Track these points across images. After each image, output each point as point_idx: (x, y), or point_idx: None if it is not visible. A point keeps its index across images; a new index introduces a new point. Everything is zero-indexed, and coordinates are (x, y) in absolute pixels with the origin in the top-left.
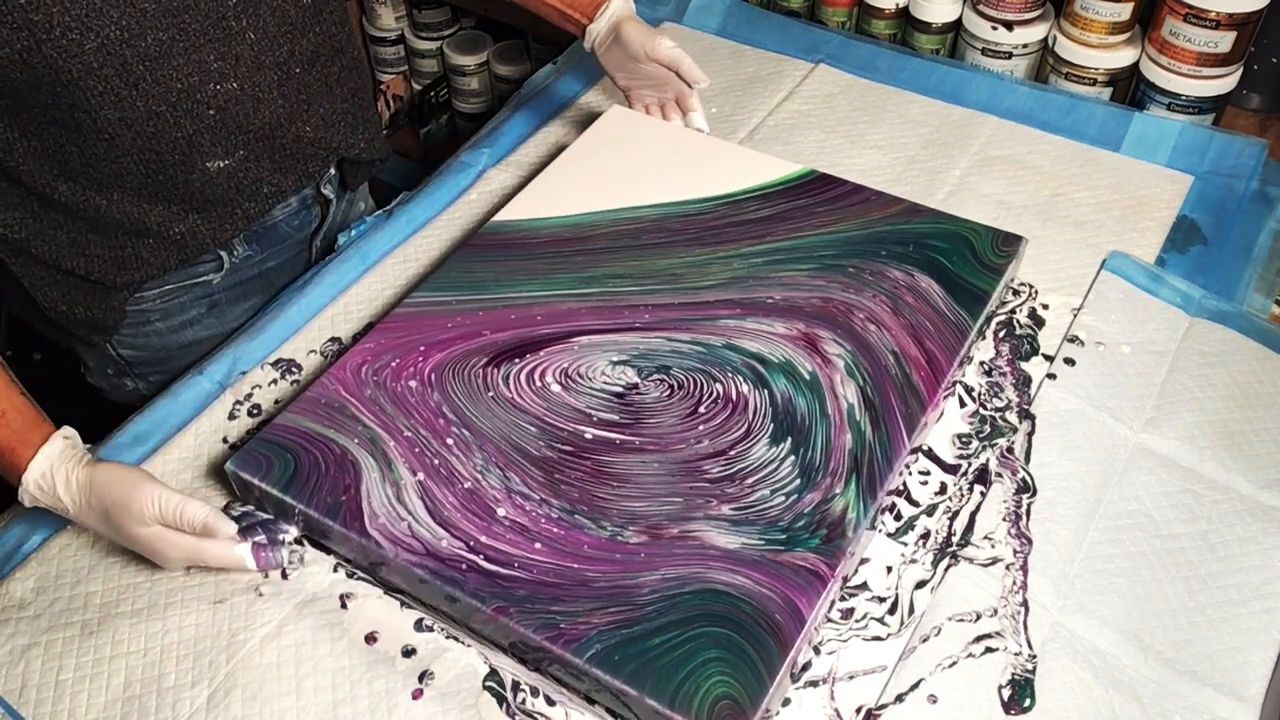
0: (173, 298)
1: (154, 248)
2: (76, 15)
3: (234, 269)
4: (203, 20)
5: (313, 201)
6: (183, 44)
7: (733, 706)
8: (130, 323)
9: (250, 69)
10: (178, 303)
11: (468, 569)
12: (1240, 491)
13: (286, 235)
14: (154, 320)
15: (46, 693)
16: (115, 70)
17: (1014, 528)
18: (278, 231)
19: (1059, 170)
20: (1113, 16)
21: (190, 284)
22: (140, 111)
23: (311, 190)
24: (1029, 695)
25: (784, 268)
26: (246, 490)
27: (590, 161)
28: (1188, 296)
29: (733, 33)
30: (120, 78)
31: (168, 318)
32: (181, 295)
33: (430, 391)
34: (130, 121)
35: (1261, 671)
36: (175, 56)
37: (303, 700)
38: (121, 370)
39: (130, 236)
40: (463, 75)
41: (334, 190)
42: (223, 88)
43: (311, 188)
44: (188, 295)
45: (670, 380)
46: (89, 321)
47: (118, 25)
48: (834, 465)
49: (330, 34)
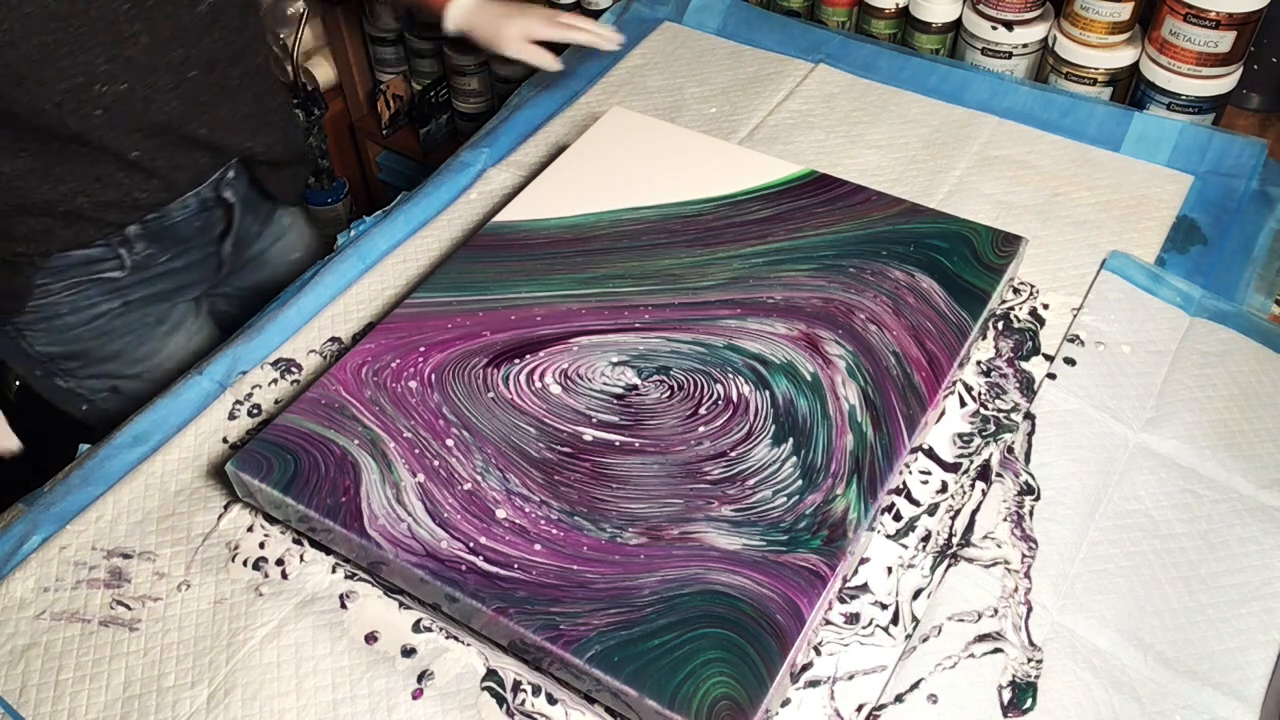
0: (78, 290)
1: (44, 224)
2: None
3: (138, 266)
4: (92, 24)
5: (213, 204)
6: (69, 46)
7: (732, 707)
8: (42, 316)
9: (143, 71)
10: (85, 295)
11: (467, 570)
12: (1240, 491)
13: (188, 236)
14: (64, 314)
15: (46, 693)
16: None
17: (1017, 529)
18: (178, 231)
19: (1059, 170)
20: (1113, 16)
21: (94, 279)
22: (24, 107)
23: (210, 192)
24: (1029, 696)
25: (785, 268)
26: (247, 490)
27: (590, 162)
28: (1188, 296)
29: (733, 33)
30: (4, 78)
31: (77, 311)
32: (88, 289)
33: (430, 392)
34: (16, 114)
35: (1261, 671)
36: (61, 59)
37: (303, 700)
38: (49, 370)
39: (17, 213)
40: (463, 75)
41: (237, 195)
42: (110, 89)
43: (210, 189)
44: (94, 289)
45: (670, 381)
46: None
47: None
48: (835, 466)
49: (229, 40)
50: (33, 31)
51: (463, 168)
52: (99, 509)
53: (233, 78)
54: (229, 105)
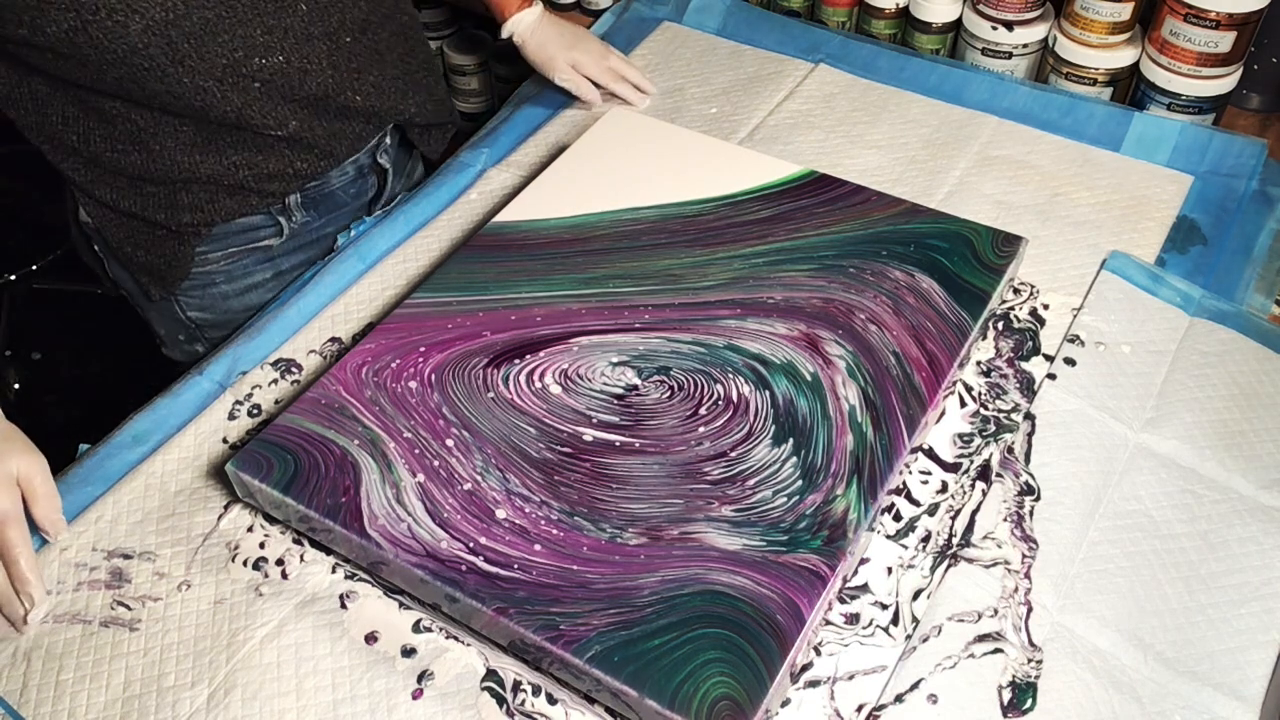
0: (236, 260)
1: (209, 194)
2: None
3: (293, 234)
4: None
5: (369, 170)
6: (229, 20)
7: (732, 707)
8: (197, 284)
9: (299, 40)
10: (241, 265)
11: (467, 570)
12: (1240, 491)
13: (344, 202)
14: (219, 283)
15: (46, 693)
16: (161, 49)
17: (1017, 529)
18: (335, 199)
19: (1059, 170)
20: (1113, 16)
21: (251, 248)
22: (187, 86)
23: (367, 159)
24: (1029, 696)
25: (785, 268)
26: (247, 490)
27: (591, 162)
28: (1188, 296)
29: (733, 33)
30: (166, 55)
31: (232, 280)
32: (244, 258)
33: (430, 392)
34: (177, 94)
35: (1261, 671)
36: (221, 33)
37: (303, 700)
38: (193, 336)
39: (183, 184)
40: (463, 75)
41: (390, 160)
42: (268, 61)
43: (367, 155)
44: (250, 259)
45: (671, 381)
46: (150, 268)
47: (163, 7)
48: (835, 466)
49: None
50: (194, 7)
51: (463, 168)
52: (99, 509)
53: (382, 40)
54: (379, 69)
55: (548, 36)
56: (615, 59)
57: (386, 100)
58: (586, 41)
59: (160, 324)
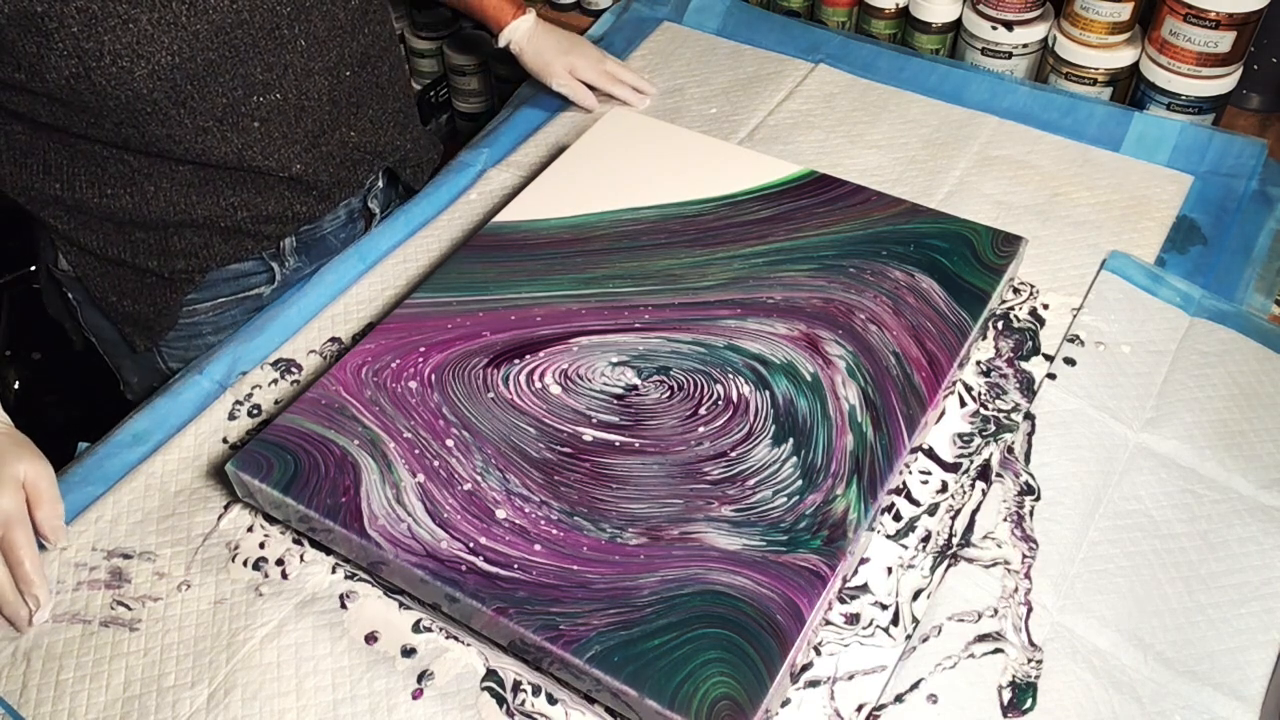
0: (224, 310)
1: (203, 239)
2: (128, 43)
3: (284, 282)
4: (255, 33)
5: (359, 215)
6: (231, 60)
7: (732, 707)
8: (183, 334)
9: (298, 76)
10: (229, 315)
11: (467, 570)
12: (1240, 491)
13: (334, 247)
14: (206, 333)
15: (46, 693)
16: (165, 93)
17: (1017, 529)
18: (326, 243)
19: (1059, 170)
20: (1113, 16)
21: (242, 296)
22: (188, 128)
23: (359, 203)
24: (1029, 696)
25: (785, 268)
26: (247, 491)
27: (590, 162)
28: (1188, 296)
29: (732, 33)
30: (169, 99)
31: (219, 331)
32: (233, 308)
33: (430, 392)
34: (178, 138)
35: (1261, 671)
36: (223, 74)
37: (303, 700)
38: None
39: (175, 228)
40: (463, 75)
41: (379, 204)
42: (267, 99)
43: (359, 199)
44: (239, 309)
45: (670, 381)
46: (136, 317)
47: (169, 50)
48: (835, 466)
49: (378, 34)
50: (199, 50)
51: (463, 168)
52: (99, 509)
53: (382, 73)
54: (378, 104)
55: (544, 43)
56: (611, 63)
57: (384, 135)
58: (582, 47)
59: (134, 373)
